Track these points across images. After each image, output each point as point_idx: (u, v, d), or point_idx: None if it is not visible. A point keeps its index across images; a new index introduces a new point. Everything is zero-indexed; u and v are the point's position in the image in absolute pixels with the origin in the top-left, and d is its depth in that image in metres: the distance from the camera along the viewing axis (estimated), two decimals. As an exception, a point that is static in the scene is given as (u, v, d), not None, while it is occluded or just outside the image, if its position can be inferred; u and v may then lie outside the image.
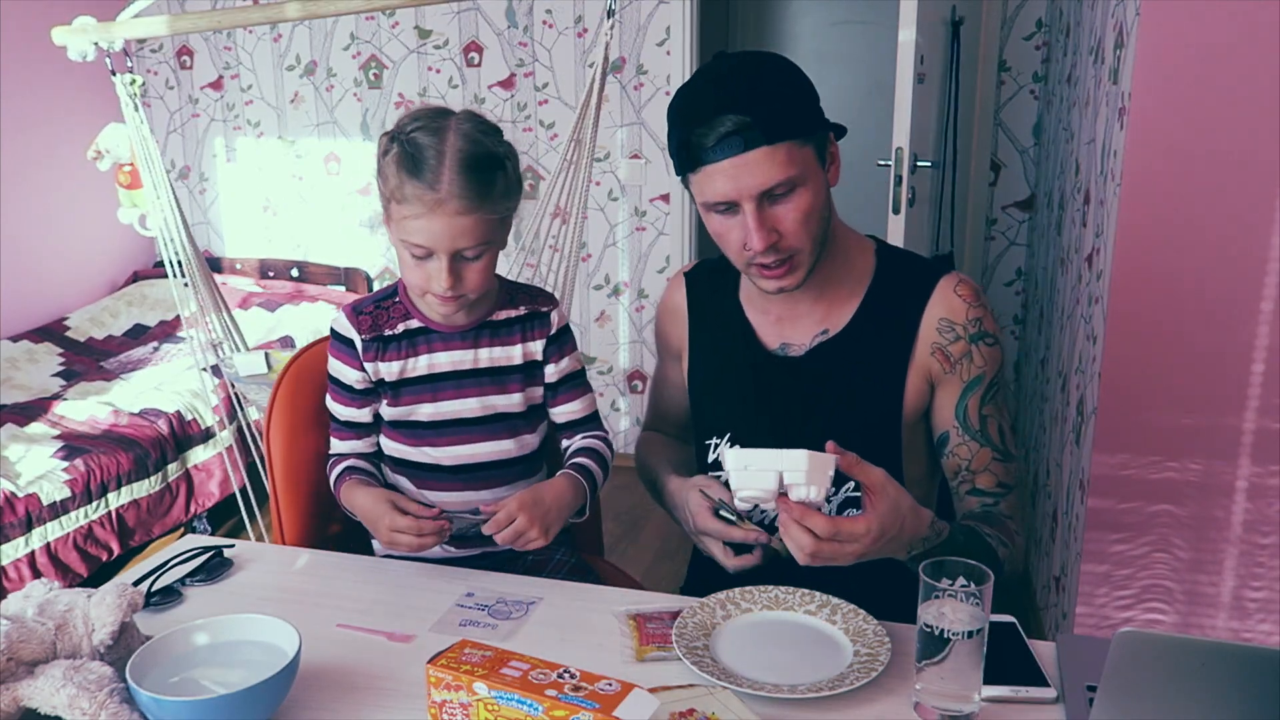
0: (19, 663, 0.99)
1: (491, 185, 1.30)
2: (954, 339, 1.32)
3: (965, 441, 1.35)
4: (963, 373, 1.33)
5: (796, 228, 1.24)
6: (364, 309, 1.41)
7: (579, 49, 3.54)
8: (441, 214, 1.25)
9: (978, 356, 1.33)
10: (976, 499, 1.35)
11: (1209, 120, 1.68)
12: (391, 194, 1.28)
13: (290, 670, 0.99)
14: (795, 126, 1.21)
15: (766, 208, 1.23)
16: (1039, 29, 3.22)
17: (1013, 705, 1.03)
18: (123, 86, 2.37)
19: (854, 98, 4.20)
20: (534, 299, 1.45)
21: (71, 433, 2.94)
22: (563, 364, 1.45)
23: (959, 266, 3.31)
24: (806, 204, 1.23)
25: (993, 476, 1.35)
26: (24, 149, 3.61)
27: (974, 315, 1.33)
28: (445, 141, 1.27)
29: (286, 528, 1.54)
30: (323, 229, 4.03)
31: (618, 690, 0.90)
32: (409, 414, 1.40)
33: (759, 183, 1.20)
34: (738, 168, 1.20)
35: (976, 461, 1.35)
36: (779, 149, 1.20)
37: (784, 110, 1.21)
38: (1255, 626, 1.81)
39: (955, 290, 1.33)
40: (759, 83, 1.23)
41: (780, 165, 1.20)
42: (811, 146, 1.24)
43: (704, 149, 1.21)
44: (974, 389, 1.33)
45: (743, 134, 1.18)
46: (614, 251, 3.70)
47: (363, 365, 1.39)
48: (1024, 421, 3.27)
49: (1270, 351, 1.70)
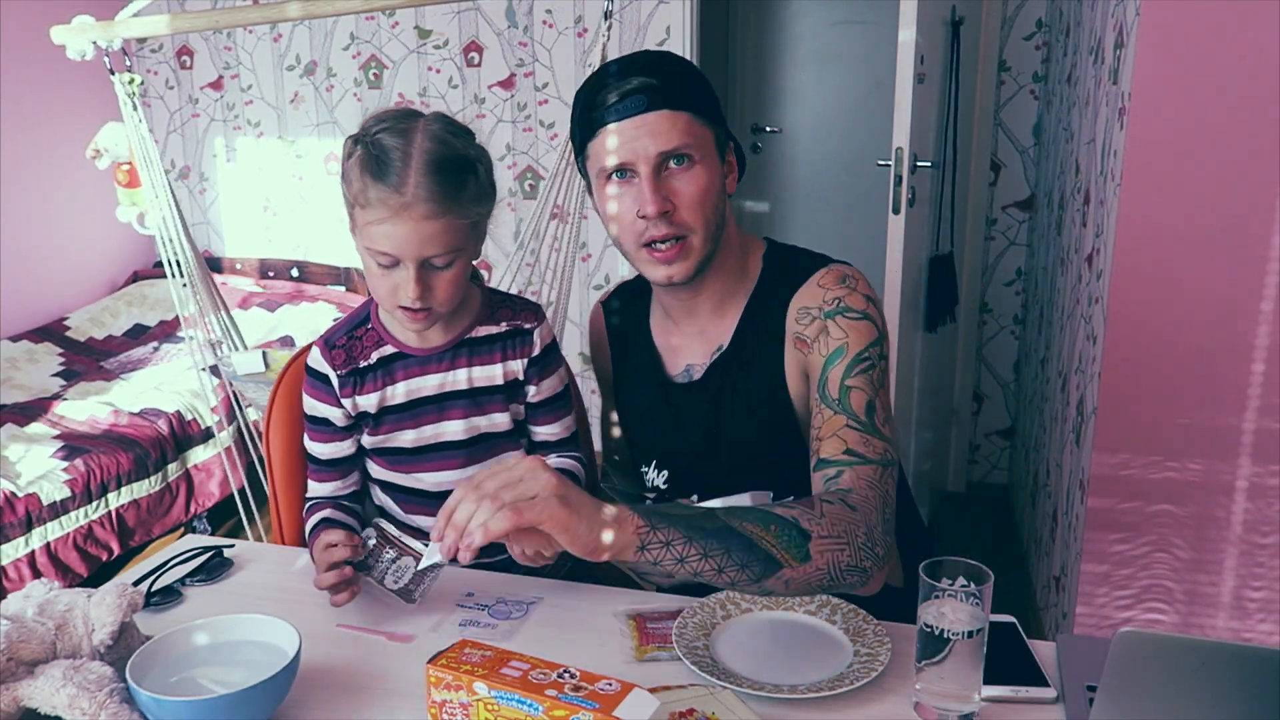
0: (19, 663, 0.99)
1: (461, 189, 1.22)
2: (809, 321, 1.26)
3: (820, 410, 1.22)
4: (821, 349, 1.24)
5: (691, 203, 1.23)
6: (336, 342, 1.36)
7: (579, 49, 3.54)
8: (407, 218, 1.19)
9: (835, 329, 1.24)
10: (820, 473, 1.17)
11: (1209, 120, 1.69)
12: (355, 198, 1.22)
13: (290, 670, 0.99)
14: (700, 103, 1.24)
15: (663, 177, 1.23)
16: (1039, 29, 3.22)
17: (1013, 705, 1.03)
18: (121, 85, 2.37)
19: (854, 98, 4.20)
20: (516, 314, 1.39)
21: (71, 433, 2.94)
22: (544, 385, 1.40)
23: (959, 266, 3.31)
24: (703, 181, 1.24)
25: (840, 443, 1.17)
26: (24, 149, 3.61)
27: (833, 296, 1.26)
28: (412, 143, 1.21)
29: (286, 528, 1.54)
30: (323, 229, 4.03)
31: (618, 690, 0.90)
32: (390, 441, 1.37)
33: (659, 143, 1.21)
34: (638, 127, 1.21)
35: (826, 428, 1.19)
36: (680, 116, 1.21)
37: (688, 86, 1.24)
38: (1255, 626, 1.81)
39: (819, 281, 1.28)
40: (669, 61, 1.26)
41: (681, 131, 1.21)
42: (712, 133, 1.26)
43: (606, 108, 1.22)
44: (834, 361, 1.22)
45: (646, 93, 1.20)
46: (614, 251, 3.70)
47: (340, 402, 1.35)
48: (1024, 421, 3.27)
49: (1270, 351, 1.70)
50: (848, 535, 1.06)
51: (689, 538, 1.01)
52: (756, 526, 1.03)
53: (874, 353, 1.23)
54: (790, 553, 1.03)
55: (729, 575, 1.02)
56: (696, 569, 1.01)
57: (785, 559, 1.03)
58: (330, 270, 3.99)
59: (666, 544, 1.00)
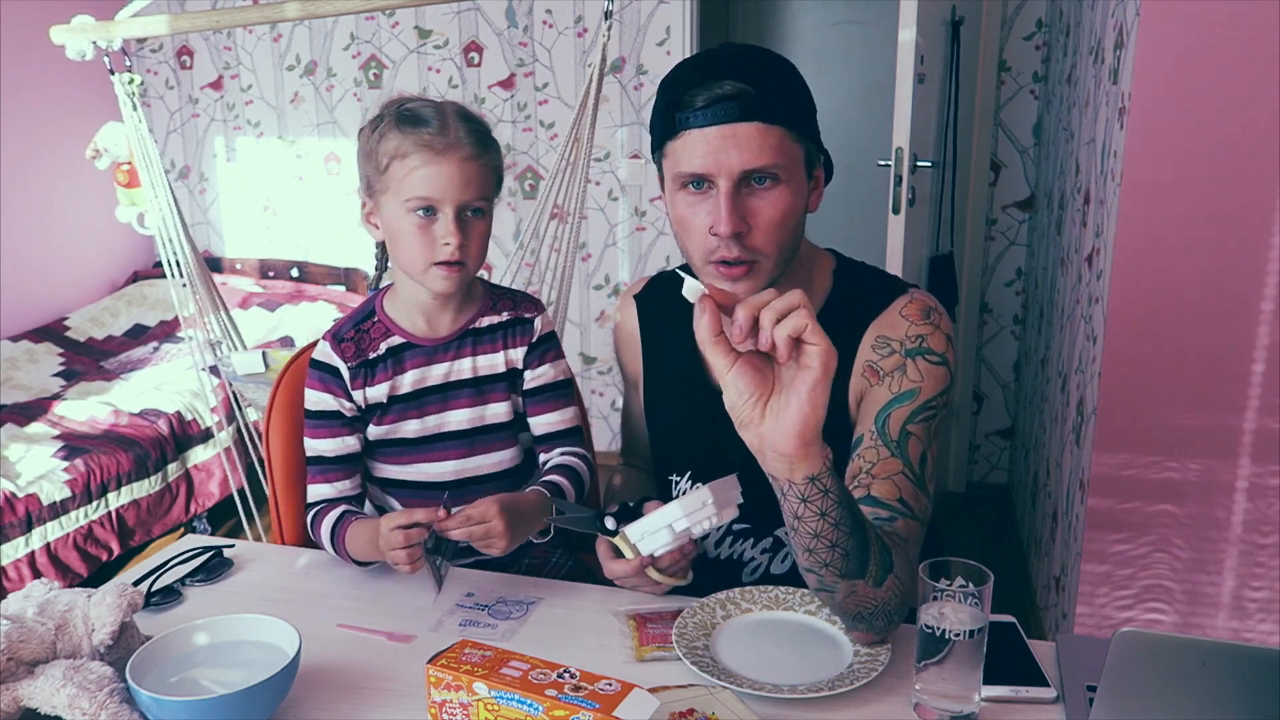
0: (19, 663, 0.99)
1: (489, 141, 1.32)
2: (888, 354, 1.19)
3: (876, 446, 1.17)
4: (893, 384, 1.18)
5: (769, 226, 1.13)
6: (345, 336, 1.37)
7: (579, 49, 3.54)
8: (450, 158, 1.26)
9: (913, 370, 1.18)
10: (869, 509, 1.12)
11: (1209, 120, 1.69)
12: (393, 155, 1.27)
13: (290, 670, 0.99)
14: (797, 118, 1.13)
15: (743, 194, 1.12)
16: (1039, 29, 3.22)
17: (1013, 705, 1.03)
18: (120, 85, 2.37)
19: (854, 98, 4.20)
20: (517, 305, 1.42)
21: (71, 433, 2.94)
22: (541, 371, 1.41)
23: (959, 266, 3.31)
24: (786, 204, 1.13)
25: (895, 489, 1.14)
26: (24, 149, 3.62)
27: (916, 332, 1.20)
28: (442, 105, 1.32)
29: (286, 528, 1.54)
30: (323, 229, 4.03)
31: (618, 690, 0.90)
32: (395, 431, 1.38)
33: (744, 159, 1.10)
34: (725, 138, 1.09)
35: (881, 467, 1.15)
36: (773, 130, 1.10)
37: (787, 96, 1.12)
38: (1255, 626, 1.81)
39: (901, 311, 1.21)
40: (768, 64, 1.13)
41: (771, 148, 1.10)
42: (803, 150, 1.15)
43: (692, 109, 1.10)
44: (903, 402, 1.17)
45: (739, 100, 1.08)
46: (614, 251, 3.70)
47: (350, 394, 1.36)
48: (1024, 421, 3.27)
49: (1270, 351, 1.70)
50: (906, 586, 1.07)
51: (841, 503, 0.98)
52: (873, 533, 1.03)
53: (940, 402, 1.19)
54: (877, 572, 1.03)
55: (834, 555, 1.00)
56: (819, 529, 0.98)
57: (871, 574, 1.02)
58: (330, 270, 3.99)
59: (826, 492, 0.97)
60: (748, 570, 1.33)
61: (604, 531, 1.18)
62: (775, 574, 1.31)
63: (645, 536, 1.14)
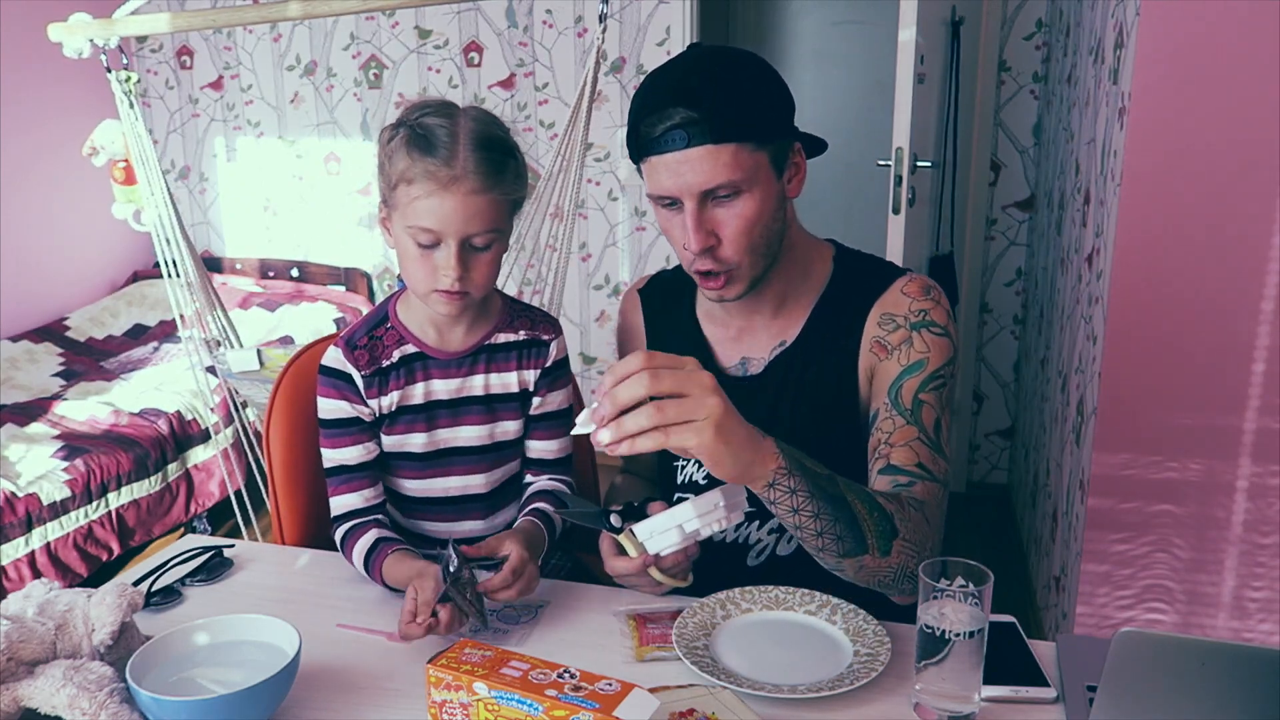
0: (19, 663, 0.99)
1: (504, 168, 1.24)
2: (894, 329, 1.26)
3: (891, 416, 1.23)
4: (901, 357, 1.24)
5: (735, 236, 1.19)
6: (358, 343, 1.33)
7: (579, 49, 3.54)
8: (455, 192, 1.20)
9: (919, 342, 1.24)
10: (889, 478, 1.19)
11: (1209, 120, 1.68)
12: (400, 177, 1.22)
13: (290, 670, 0.99)
14: (748, 130, 1.16)
15: (709, 208, 1.19)
16: (1039, 29, 3.22)
17: (1013, 705, 1.03)
18: (118, 84, 2.36)
19: (854, 98, 4.20)
20: (535, 324, 1.39)
21: (71, 433, 2.94)
22: (551, 399, 1.39)
23: (959, 266, 3.31)
24: (750, 212, 1.19)
25: (913, 454, 1.20)
26: (23, 148, 3.62)
27: (918, 307, 1.26)
28: (458, 124, 1.23)
29: (286, 528, 1.54)
30: (323, 229, 4.03)
31: (618, 690, 0.90)
32: (401, 444, 1.35)
33: (700, 181, 1.16)
34: (680, 163, 1.16)
35: (898, 435, 1.21)
36: (724, 149, 1.15)
37: (739, 111, 1.16)
38: (1255, 626, 1.81)
39: (902, 289, 1.28)
40: (720, 79, 1.17)
41: (724, 167, 1.15)
42: (766, 153, 1.19)
43: (650, 139, 1.17)
44: (913, 372, 1.23)
45: (687, 129, 1.14)
46: (614, 251, 3.70)
47: (365, 400, 1.33)
48: (1024, 421, 3.27)
49: (1270, 351, 1.70)
50: (921, 545, 1.11)
51: (811, 494, 1.04)
52: (862, 507, 1.07)
53: (947, 371, 1.25)
54: (879, 543, 1.07)
55: (823, 541, 1.06)
56: (799, 523, 1.05)
57: (873, 547, 1.07)
58: (330, 270, 4.00)
59: (792, 491, 1.03)
60: (754, 553, 1.33)
61: (610, 528, 1.19)
62: (781, 555, 1.32)
63: (654, 535, 1.14)
